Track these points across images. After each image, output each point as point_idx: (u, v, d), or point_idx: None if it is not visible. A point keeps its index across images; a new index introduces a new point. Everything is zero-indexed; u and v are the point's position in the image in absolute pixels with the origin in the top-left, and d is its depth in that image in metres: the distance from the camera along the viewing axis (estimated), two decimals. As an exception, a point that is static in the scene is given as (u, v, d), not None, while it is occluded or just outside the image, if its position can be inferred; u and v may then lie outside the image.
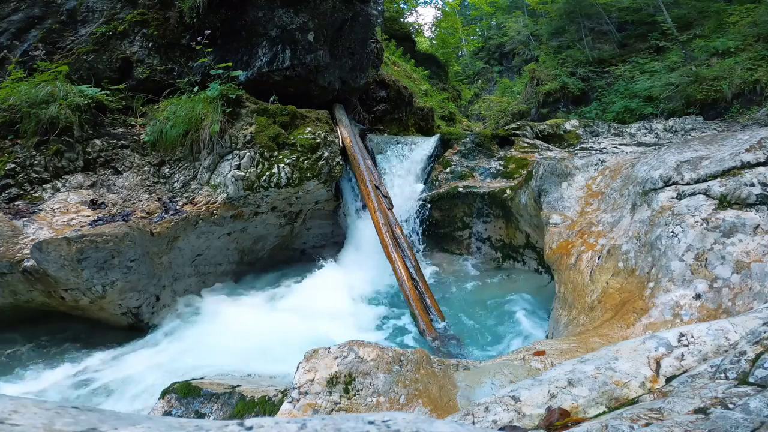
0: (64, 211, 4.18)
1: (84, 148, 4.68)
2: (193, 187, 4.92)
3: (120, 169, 4.80)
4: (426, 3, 45.77)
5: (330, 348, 2.03)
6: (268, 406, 2.54)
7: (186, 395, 2.74)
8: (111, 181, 4.67)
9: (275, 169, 4.99)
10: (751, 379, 1.10)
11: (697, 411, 1.01)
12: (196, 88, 5.22)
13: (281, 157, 5.09)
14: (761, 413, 0.90)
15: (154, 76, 5.59)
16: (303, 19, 5.82)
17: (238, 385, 2.80)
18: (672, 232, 2.69)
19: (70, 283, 3.70)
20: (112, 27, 5.53)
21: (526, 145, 6.64)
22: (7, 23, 5.44)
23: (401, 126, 8.45)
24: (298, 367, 1.97)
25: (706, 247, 2.51)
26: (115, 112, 5.19)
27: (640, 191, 3.20)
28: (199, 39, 5.11)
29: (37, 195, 4.29)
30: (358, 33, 6.74)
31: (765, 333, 1.27)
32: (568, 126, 8.24)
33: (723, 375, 1.20)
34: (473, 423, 1.30)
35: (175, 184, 4.91)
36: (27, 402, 0.47)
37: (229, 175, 4.87)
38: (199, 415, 2.64)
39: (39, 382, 3.44)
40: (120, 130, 5.04)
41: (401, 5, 22.42)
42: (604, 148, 6.76)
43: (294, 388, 1.88)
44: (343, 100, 6.89)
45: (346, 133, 6.01)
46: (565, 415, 1.23)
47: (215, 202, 4.83)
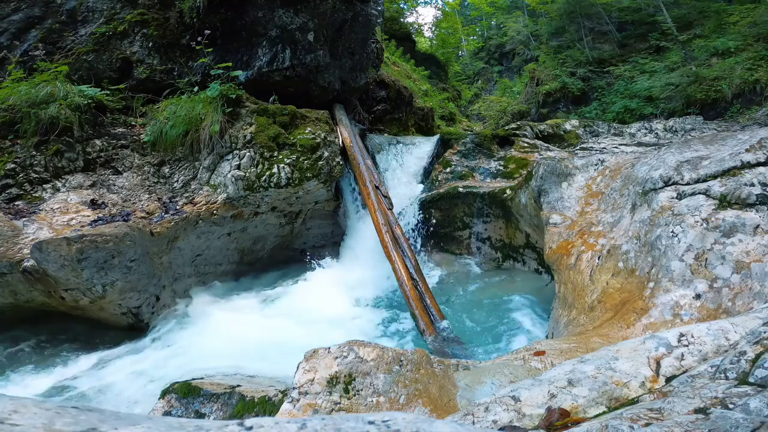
0: (64, 211, 4.18)
1: (84, 148, 4.68)
2: (193, 187, 4.93)
3: (120, 169, 4.80)
4: (426, 3, 45.80)
5: (330, 348, 2.03)
6: (268, 406, 2.54)
7: (186, 395, 2.74)
8: (111, 181, 4.67)
9: (275, 169, 4.99)
10: (751, 379, 1.10)
11: (697, 411, 1.01)
12: (196, 88, 5.22)
13: (281, 157, 5.09)
14: (761, 413, 0.90)
15: (154, 76, 5.59)
16: (303, 19, 5.82)
17: (238, 385, 2.80)
18: (672, 232, 2.69)
19: (70, 283, 3.70)
20: (112, 27, 5.53)
21: (526, 145, 6.64)
22: (7, 23, 5.44)
23: (401, 126, 8.45)
24: (298, 367, 1.97)
25: (706, 247, 2.50)
26: (115, 112, 5.19)
27: (640, 191, 3.20)
28: (199, 39, 5.11)
29: (37, 195, 4.29)
30: (358, 33, 6.74)
31: (765, 333, 1.27)
32: (568, 126, 8.25)
33: (723, 375, 1.20)
34: (473, 423, 1.30)
35: (175, 184, 4.91)
36: (27, 402, 0.47)
37: (229, 175, 4.87)
38: (199, 415, 2.64)
39: (39, 382, 3.44)
40: (120, 130, 5.04)
41: (401, 5, 22.43)
42: (604, 148, 6.76)
43: (294, 388, 1.88)
44: (343, 100, 6.89)
45: (346, 133, 6.01)
46: (565, 415, 1.23)
47: (215, 202, 4.83)
